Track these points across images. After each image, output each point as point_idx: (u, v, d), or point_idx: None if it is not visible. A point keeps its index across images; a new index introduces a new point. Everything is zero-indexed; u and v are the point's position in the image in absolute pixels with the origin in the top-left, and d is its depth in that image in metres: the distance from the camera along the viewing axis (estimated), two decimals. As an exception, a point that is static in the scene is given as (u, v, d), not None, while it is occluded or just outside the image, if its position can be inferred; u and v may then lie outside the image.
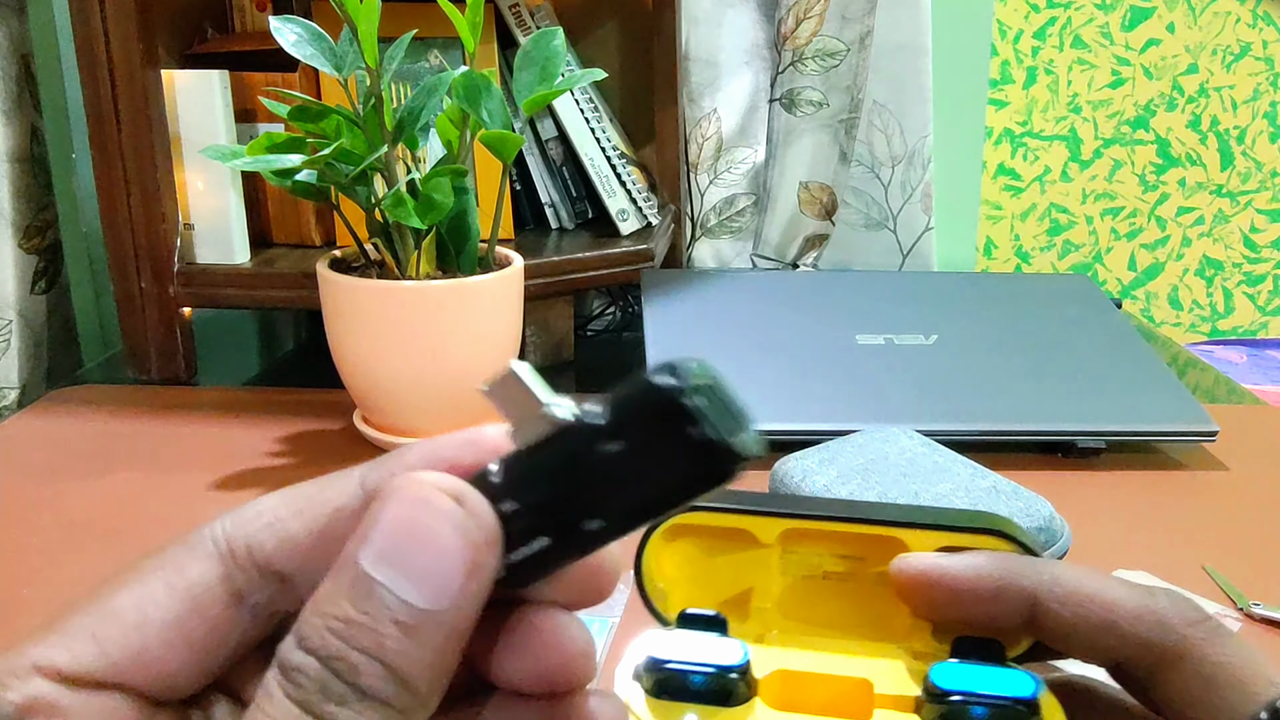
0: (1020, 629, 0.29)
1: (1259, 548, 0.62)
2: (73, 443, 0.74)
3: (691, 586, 0.33)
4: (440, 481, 0.20)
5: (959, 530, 0.30)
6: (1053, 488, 0.65)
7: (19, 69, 0.90)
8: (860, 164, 1.10)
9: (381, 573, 0.19)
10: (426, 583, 0.19)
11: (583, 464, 0.21)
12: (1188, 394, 0.75)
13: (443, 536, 0.20)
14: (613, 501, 0.21)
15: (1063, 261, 1.69)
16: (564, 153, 0.95)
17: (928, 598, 0.29)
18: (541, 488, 0.21)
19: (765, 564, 0.32)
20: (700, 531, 0.32)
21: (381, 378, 0.71)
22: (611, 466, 0.20)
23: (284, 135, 0.66)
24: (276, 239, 0.92)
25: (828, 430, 0.67)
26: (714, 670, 0.29)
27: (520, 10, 0.92)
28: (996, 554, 0.29)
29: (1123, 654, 0.27)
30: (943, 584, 0.29)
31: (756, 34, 1.06)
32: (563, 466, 0.21)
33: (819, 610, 0.32)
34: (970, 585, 0.29)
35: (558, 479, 0.21)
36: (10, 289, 0.91)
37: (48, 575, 0.58)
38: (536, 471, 0.21)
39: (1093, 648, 0.28)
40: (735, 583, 0.32)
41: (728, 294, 0.87)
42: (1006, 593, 0.28)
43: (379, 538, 0.19)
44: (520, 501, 0.21)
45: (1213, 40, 1.60)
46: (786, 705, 0.29)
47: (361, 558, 0.19)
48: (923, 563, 0.29)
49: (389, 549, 0.19)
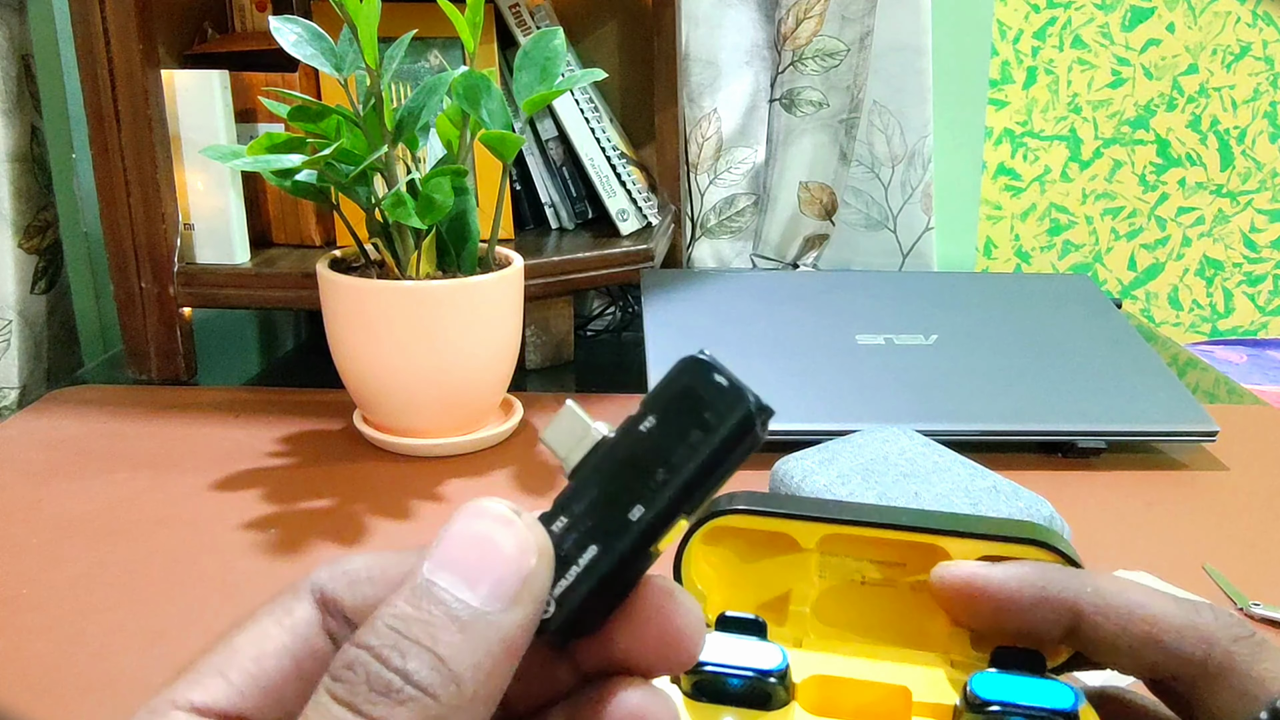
0: (1060, 640, 0.29)
1: (1259, 548, 0.62)
2: (73, 443, 0.74)
3: (731, 589, 0.33)
4: (497, 500, 0.22)
5: (1001, 540, 0.30)
6: (1053, 488, 0.65)
7: (19, 69, 0.90)
8: (860, 164, 1.10)
9: (441, 577, 0.21)
10: (482, 584, 0.20)
11: (621, 455, 0.22)
12: (1188, 394, 0.75)
13: (500, 542, 0.21)
14: (651, 482, 0.21)
15: (1063, 261, 1.69)
16: (564, 153, 0.95)
17: (969, 607, 0.29)
18: (587, 496, 0.22)
19: (804, 568, 0.32)
20: (740, 535, 0.32)
21: (381, 378, 0.71)
22: (648, 446, 0.21)
23: (284, 135, 0.66)
24: (276, 239, 0.92)
25: (828, 430, 0.67)
26: (753, 674, 0.29)
27: (520, 10, 0.92)
28: (1039, 564, 0.29)
29: (1165, 668, 0.27)
30: (985, 593, 0.29)
31: (756, 34, 1.06)
32: (604, 467, 0.22)
33: (857, 616, 0.32)
34: (1012, 595, 0.28)
35: (600, 481, 0.22)
36: (10, 289, 0.91)
37: (47, 575, 0.58)
38: (581, 485, 0.22)
39: (1135, 661, 0.27)
40: (774, 586, 0.32)
41: (728, 294, 0.87)
42: (1048, 604, 0.28)
43: (441, 550, 0.21)
44: (567, 516, 0.22)
45: (1213, 40, 1.60)
46: (824, 710, 0.29)
47: (426, 570, 0.21)
48: (964, 571, 0.29)
49: (449, 556, 0.21)
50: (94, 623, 0.54)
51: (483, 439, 0.73)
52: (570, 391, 0.87)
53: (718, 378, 0.21)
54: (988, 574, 0.29)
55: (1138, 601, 0.27)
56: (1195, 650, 0.26)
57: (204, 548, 0.61)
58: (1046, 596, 0.28)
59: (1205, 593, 0.56)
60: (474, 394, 0.73)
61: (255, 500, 0.66)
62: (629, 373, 0.90)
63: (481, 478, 0.70)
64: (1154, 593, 0.28)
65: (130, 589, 0.57)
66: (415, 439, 0.72)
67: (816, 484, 0.59)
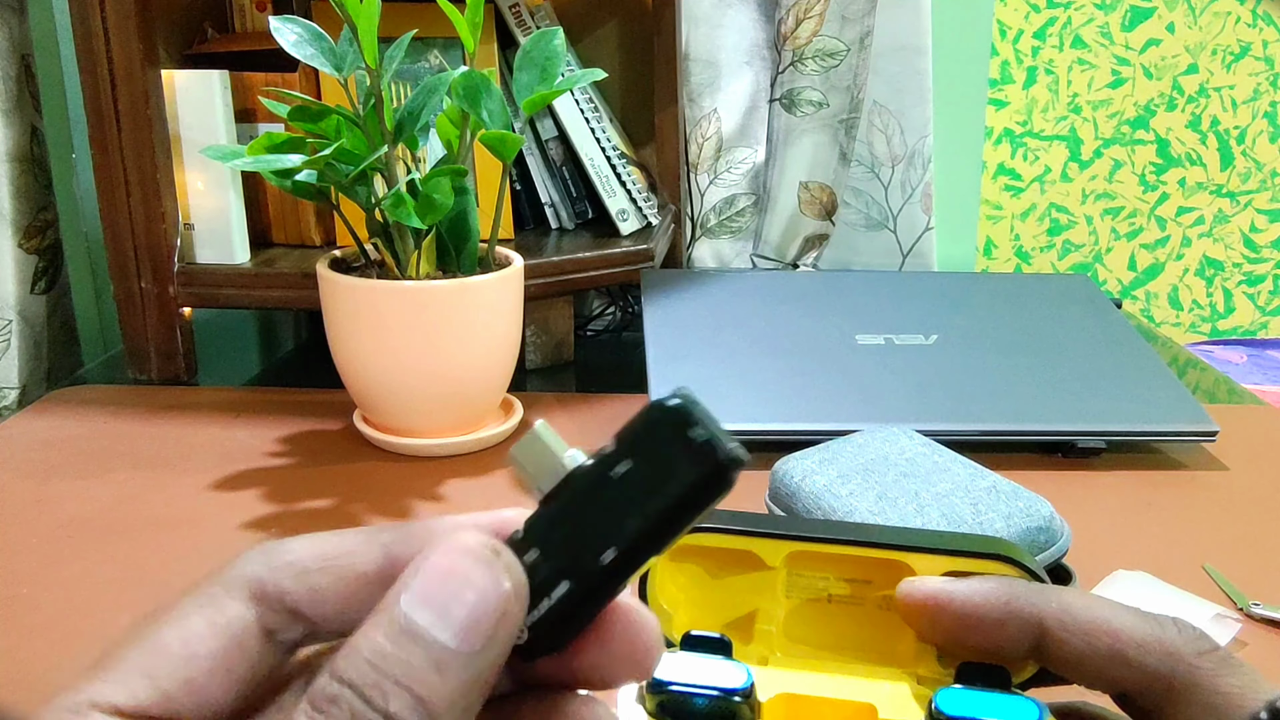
0: (1026, 656, 0.29)
1: (1259, 548, 0.62)
2: (73, 443, 0.74)
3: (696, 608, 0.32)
4: (477, 535, 0.22)
5: (966, 555, 0.30)
6: (1053, 488, 0.65)
7: (19, 69, 0.90)
8: (860, 164, 1.10)
9: (419, 614, 0.21)
10: (460, 625, 0.21)
11: (595, 494, 0.22)
12: (1188, 394, 0.75)
13: (478, 583, 0.21)
14: (624, 527, 0.22)
15: (1063, 261, 1.69)
16: (564, 153, 0.95)
17: (933, 622, 0.29)
18: (560, 530, 0.22)
19: (770, 586, 0.32)
20: (705, 553, 0.32)
21: (381, 378, 0.71)
22: (621, 489, 0.22)
23: (284, 135, 0.66)
24: (276, 239, 0.92)
25: (828, 430, 0.67)
26: (718, 693, 0.28)
27: (520, 10, 0.92)
28: (1003, 579, 0.29)
29: (1131, 683, 0.27)
30: (948, 609, 0.29)
31: (756, 34, 1.06)
32: (577, 504, 0.22)
33: (824, 633, 0.32)
34: (976, 611, 0.28)
35: (574, 517, 0.22)
36: (10, 289, 0.91)
37: (47, 575, 0.58)
38: (554, 517, 0.23)
39: (1100, 677, 0.27)
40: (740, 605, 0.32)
41: (728, 294, 0.87)
42: (1012, 619, 0.28)
43: (419, 583, 0.21)
44: (540, 548, 0.22)
45: (1213, 40, 1.60)
46: None
47: (402, 602, 0.21)
48: (928, 587, 0.29)
49: (428, 593, 0.21)
50: (94, 623, 0.54)
51: (483, 439, 0.73)
52: (570, 391, 0.87)
53: (692, 431, 0.21)
54: (951, 589, 0.29)
55: (1102, 617, 0.27)
56: (1160, 665, 0.26)
57: (204, 548, 0.61)
58: (1011, 612, 0.28)
59: (1205, 593, 0.56)
60: (474, 394, 0.73)
61: (255, 500, 0.66)
62: (629, 373, 0.90)
63: (481, 478, 0.70)
64: (1120, 608, 0.28)
65: (130, 589, 0.57)
66: (415, 439, 0.72)
67: (816, 484, 0.59)
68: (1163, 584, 0.56)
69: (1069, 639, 0.27)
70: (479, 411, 0.75)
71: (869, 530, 0.31)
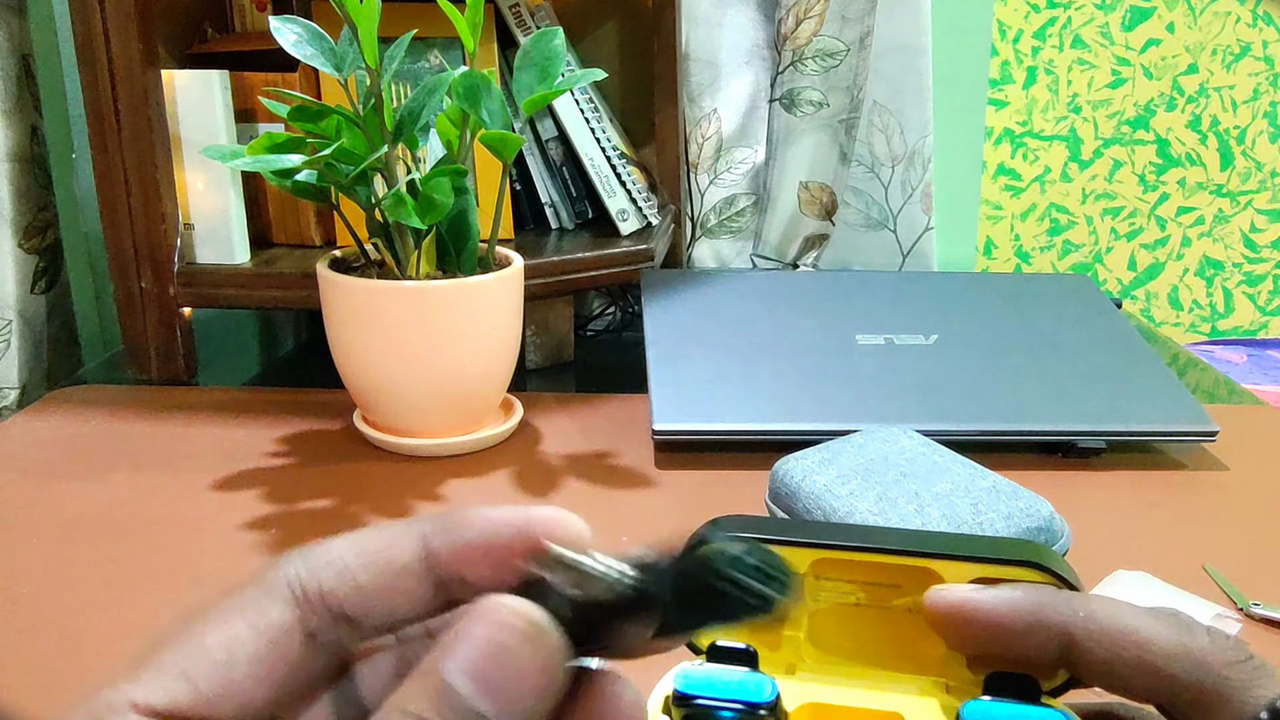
0: (1055, 664, 0.28)
1: (1259, 548, 0.62)
2: (73, 443, 0.74)
3: None
4: (522, 608, 0.22)
5: (994, 562, 0.30)
6: (1053, 488, 0.65)
7: (19, 69, 0.90)
8: (860, 164, 1.10)
9: (462, 684, 0.21)
10: (502, 699, 0.21)
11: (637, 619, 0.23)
12: (1188, 394, 0.75)
13: (521, 660, 0.21)
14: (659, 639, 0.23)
15: (1063, 261, 1.69)
16: (564, 153, 0.95)
17: (960, 631, 0.29)
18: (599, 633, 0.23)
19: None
20: None
21: (381, 378, 0.71)
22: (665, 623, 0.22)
23: (284, 135, 0.66)
24: (276, 239, 0.92)
25: (828, 430, 0.67)
26: (743, 705, 0.28)
27: (520, 10, 0.92)
28: (1031, 587, 0.29)
29: (1160, 692, 0.27)
30: (976, 619, 0.28)
31: (756, 34, 1.06)
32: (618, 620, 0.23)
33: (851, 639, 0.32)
34: (1002, 620, 0.28)
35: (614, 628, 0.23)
36: (10, 289, 0.91)
37: (47, 575, 0.58)
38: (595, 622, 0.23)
39: (1128, 686, 0.27)
40: None
41: (728, 294, 0.87)
42: (1039, 629, 0.28)
43: (463, 652, 0.21)
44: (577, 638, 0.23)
45: (1213, 40, 1.60)
46: None
47: (445, 670, 0.21)
48: (956, 595, 0.29)
49: (471, 665, 0.21)
50: (94, 623, 0.54)
51: (483, 439, 0.73)
52: (570, 391, 0.87)
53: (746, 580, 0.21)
54: (979, 599, 0.28)
55: (1130, 626, 0.27)
56: (1189, 676, 0.26)
57: (204, 548, 0.61)
58: (1037, 621, 0.28)
59: (1205, 593, 0.56)
60: (474, 394, 0.73)
61: (255, 500, 0.66)
62: (629, 373, 0.90)
63: (481, 478, 0.70)
64: (1149, 616, 0.27)
65: (130, 589, 0.57)
66: (415, 439, 0.72)
67: (816, 484, 0.59)
68: (1163, 584, 0.56)
69: (1095, 649, 0.27)
70: (479, 411, 0.75)
71: (896, 536, 0.31)
